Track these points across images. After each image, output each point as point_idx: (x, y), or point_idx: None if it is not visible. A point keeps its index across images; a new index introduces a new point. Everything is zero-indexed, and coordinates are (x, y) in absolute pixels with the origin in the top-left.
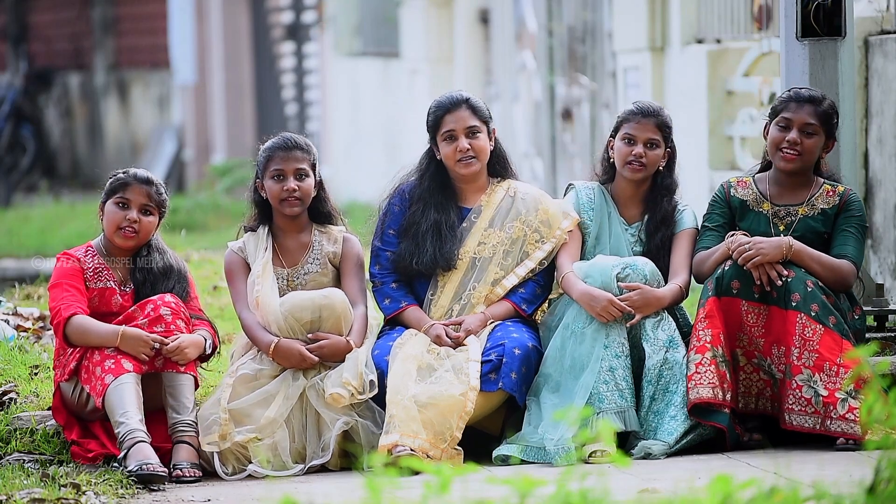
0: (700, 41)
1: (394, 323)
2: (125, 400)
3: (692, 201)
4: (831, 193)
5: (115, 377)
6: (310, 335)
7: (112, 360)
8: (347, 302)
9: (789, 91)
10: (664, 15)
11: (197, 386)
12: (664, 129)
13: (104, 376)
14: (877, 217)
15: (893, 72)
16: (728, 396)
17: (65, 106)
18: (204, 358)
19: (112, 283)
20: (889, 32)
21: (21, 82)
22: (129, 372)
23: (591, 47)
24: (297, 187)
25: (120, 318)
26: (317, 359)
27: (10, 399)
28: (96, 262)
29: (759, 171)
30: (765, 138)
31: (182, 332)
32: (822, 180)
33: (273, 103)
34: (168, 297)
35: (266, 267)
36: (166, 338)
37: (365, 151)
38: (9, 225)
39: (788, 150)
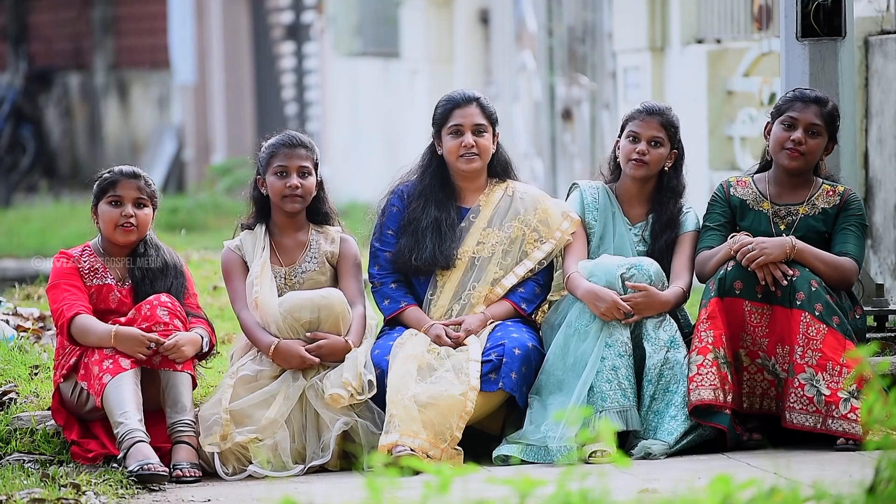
0: (700, 41)
1: (393, 323)
2: (124, 400)
3: (692, 201)
4: (831, 193)
5: (112, 376)
6: (308, 335)
7: (110, 360)
8: (346, 302)
9: (794, 91)
10: (664, 15)
11: (195, 385)
12: (669, 128)
13: (102, 375)
14: (877, 217)
15: (893, 72)
16: (729, 398)
17: (65, 106)
18: (201, 356)
19: (109, 280)
20: (889, 32)
21: (21, 82)
22: (127, 371)
23: (591, 47)
24: (299, 184)
25: (122, 320)
26: (317, 360)
27: (10, 399)
28: (93, 260)
29: (757, 172)
30: (766, 137)
31: (179, 331)
32: (821, 181)
33: (273, 103)
34: (164, 297)
35: (264, 267)
36: (163, 337)
37: (365, 151)
38: (9, 225)
39: (792, 150)
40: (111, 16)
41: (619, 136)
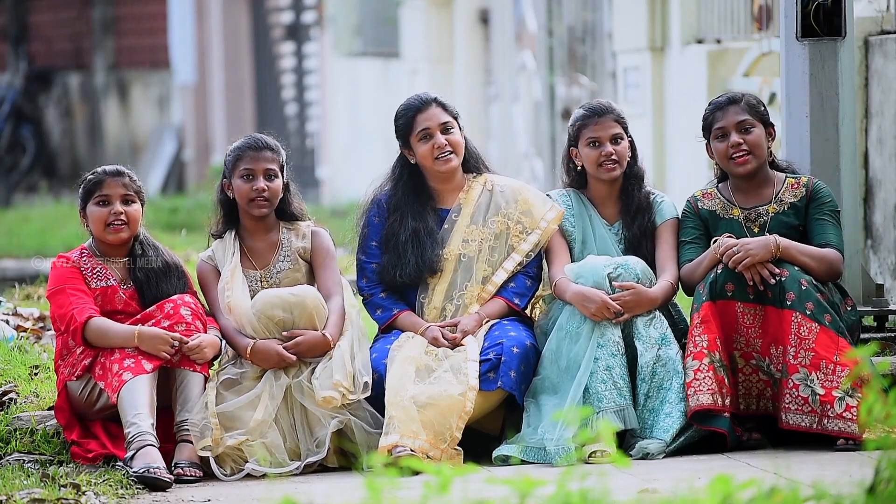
0: (700, 41)
1: (388, 330)
2: (139, 401)
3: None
4: (796, 186)
5: (133, 375)
6: (285, 333)
7: (132, 360)
8: (319, 297)
9: (708, 105)
10: (664, 15)
11: None
12: (622, 121)
13: (122, 373)
14: (877, 217)
15: (893, 72)
16: (727, 401)
17: (65, 106)
18: (214, 358)
19: (113, 281)
20: (889, 32)
21: (21, 82)
22: (147, 374)
23: (591, 47)
24: (266, 187)
25: (138, 317)
26: (295, 358)
27: (10, 399)
28: (93, 262)
29: (719, 182)
30: (711, 157)
31: (201, 332)
32: (783, 175)
33: (273, 103)
34: (188, 297)
35: (235, 271)
36: (184, 336)
37: (365, 151)
38: (9, 225)
39: (738, 154)
40: (111, 16)
41: (574, 145)
